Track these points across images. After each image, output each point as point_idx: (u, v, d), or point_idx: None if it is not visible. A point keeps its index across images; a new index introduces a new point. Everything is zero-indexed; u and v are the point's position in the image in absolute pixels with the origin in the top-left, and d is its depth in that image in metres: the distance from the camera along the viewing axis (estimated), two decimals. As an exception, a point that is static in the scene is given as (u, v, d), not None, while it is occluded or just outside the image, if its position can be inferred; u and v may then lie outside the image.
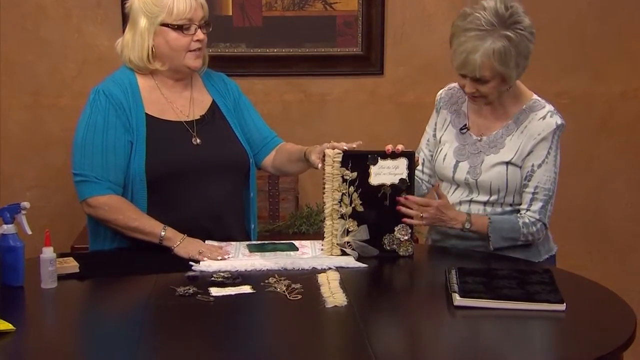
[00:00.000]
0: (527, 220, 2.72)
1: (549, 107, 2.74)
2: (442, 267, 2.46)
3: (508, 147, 2.73)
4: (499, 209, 2.77)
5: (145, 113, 2.75)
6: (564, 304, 2.21)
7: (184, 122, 2.79)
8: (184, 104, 2.83)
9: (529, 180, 2.72)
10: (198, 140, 2.78)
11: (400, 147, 2.64)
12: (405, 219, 2.65)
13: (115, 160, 2.69)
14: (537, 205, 2.72)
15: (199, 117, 2.83)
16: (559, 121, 2.72)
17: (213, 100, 2.89)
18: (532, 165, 2.71)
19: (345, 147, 2.61)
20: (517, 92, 2.77)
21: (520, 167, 2.72)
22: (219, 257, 2.56)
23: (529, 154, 2.71)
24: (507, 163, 2.73)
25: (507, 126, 2.76)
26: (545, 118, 2.71)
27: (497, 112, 2.78)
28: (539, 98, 2.77)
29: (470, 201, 2.78)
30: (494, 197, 2.75)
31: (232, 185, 2.84)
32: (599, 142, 4.18)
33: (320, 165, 2.62)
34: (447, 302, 2.25)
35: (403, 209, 2.64)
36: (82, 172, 2.69)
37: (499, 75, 2.63)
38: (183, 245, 2.62)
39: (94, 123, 2.70)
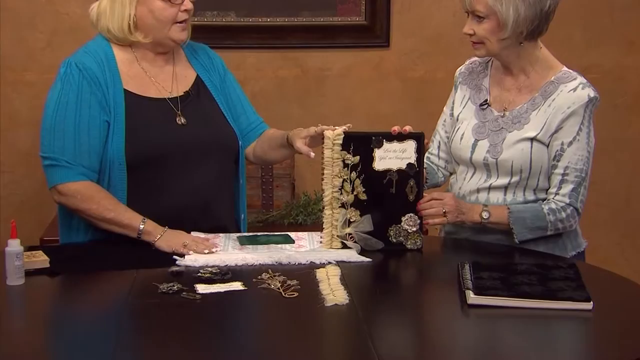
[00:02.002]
0: (553, 206, 2.72)
1: (580, 79, 2.75)
2: (455, 262, 2.47)
3: (533, 123, 2.74)
4: (520, 197, 2.77)
5: (124, 89, 2.75)
6: (591, 302, 2.21)
7: (167, 99, 2.80)
8: (165, 79, 2.83)
9: (558, 160, 2.73)
10: (183, 120, 2.78)
11: (407, 128, 2.65)
12: (428, 221, 2.68)
13: (89, 143, 2.69)
14: (567, 188, 2.72)
15: (182, 94, 2.83)
16: (592, 94, 2.72)
17: (197, 75, 2.89)
18: (562, 144, 2.72)
19: (337, 129, 2.60)
20: (544, 62, 2.78)
21: (548, 146, 2.73)
22: (206, 251, 2.57)
23: (557, 130, 2.72)
24: (532, 139, 2.73)
25: (532, 100, 2.76)
26: (576, 90, 2.72)
27: (522, 84, 2.79)
28: (570, 70, 2.78)
29: (489, 188, 2.79)
30: (515, 179, 2.75)
31: (220, 170, 2.85)
32: (632, 120, 4.19)
33: (309, 152, 2.63)
34: (459, 300, 2.26)
35: (426, 211, 2.66)
36: (52, 156, 2.69)
37: (493, 15, 2.65)
38: (165, 237, 2.62)
39: (66, 100, 2.70)
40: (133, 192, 2.72)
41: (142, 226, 2.64)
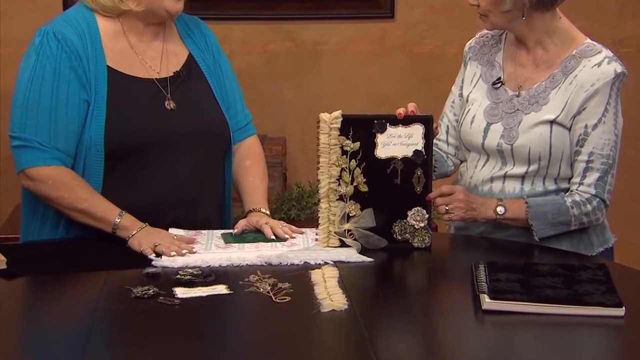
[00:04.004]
0: (577, 198, 2.72)
1: (606, 52, 2.75)
2: (468, 262, 2.47)
3: (553, 103, 2.74)
4: (539, 187, 2.77)
5: (107, 65, 2.74)
6: (623, 307, 2.22)
7: (155, 79, 2.79)
8: (154, 57, 2.82)
9: (581, 146, 2.73)
10: (172, 104, 2.78)
11: (411, 106, 2.65)
12: (445, 216, 2.70)
13: (66, 123, 2.69)
14: (592, 177, 2.73)
15: (172, 74, 2.83)
16: (619, 69, 2.72)
17: (190, 53, 2.89)
18: (586, 127, 2.72)
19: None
20: (564, 33, 2.78)
21: (569, 129, 2.73)
22: (173, 253, 2.55)
23: (580, 111, 2.72)
24: (552, 122, 2.74)
25: (552, 77, 2.76)
26: (600, 65, 2.72)
27: (539, 59, 2.79)
28: (594, 42, 2.78)
29: (505, 176, 2.79)
30: (533, 168, 2.76)
31: (210, 161, 2.85)
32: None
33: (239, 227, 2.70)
34: (473, 305, 2.27)
35: (438, 204, 2.68)
36: (23, 136, 2.68)
37: None
38: (139, 235, 2.62)
39: (41, 74, 2.69)
40: (110, 183, 2.72)
41: (117, 220, 2.64)
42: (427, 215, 2.67)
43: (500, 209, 2.72)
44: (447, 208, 2.69)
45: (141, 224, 2.65)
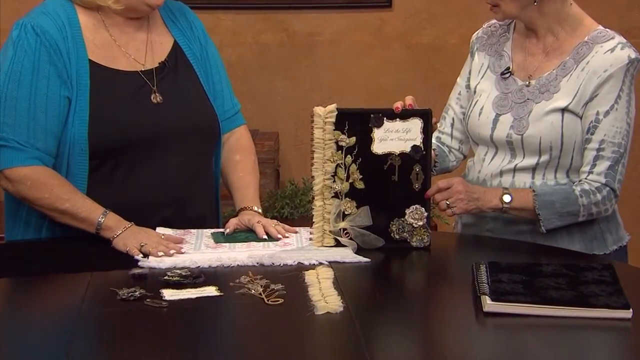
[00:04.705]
0: (586, 187, 2.73)
1: (619, 38, 2.76)
2: (468, 262, 2.47)
3: (564, 90, 2.75)
4: (551, 180, 2.78)
5: (89, 59, 2.74)
6: (630, 309, 2.22)
7: (140, 72, 2.79)
8: (138, 48, 2.82)
9: (592, 134, 2.74)
10: (159, 98, 2.78)
11: (409, 99, 2.65)
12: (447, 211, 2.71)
13: (46, 121, 2.69)
14: (602, 166, 2.73)
15: (158, 65, 2.83)
16: (633, 55, 2.73)
17: (175, 41, 2.89)
18: (597, 113, 2.73)
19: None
20: (575, 20, 2.79)
21: (581, 117, 2.74)
22: (160, 254, 2.55)
23: (592, 98, 2.73)
24: (563, 110, 2.74)
25: (563, 64, 2.77)
26: (614, 50, 2.73)
27: (550, 47, 2.80)
28: (607, 29, 2.79)
29: (515, 169, 2.80)
30: (544, 159, 2.76)
31: (200, 155, 2.86)
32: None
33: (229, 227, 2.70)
34: (474, 307, 2.27)
35: (438, 200, 2.69)
36: (1, 135, 2.68)
37: None
38: (124, 235, 2.62)
39: (19, 70, 2.69)
40: (95, 183, 2.73)
41: (101, 220, 2.64)
42: (425, 214, 2.67)
43: (506, 197, 2.72)
44: (447, 202, 2.70)
45: (126, 223, 2.65)
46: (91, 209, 2.67)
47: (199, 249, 2.62)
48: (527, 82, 2.80)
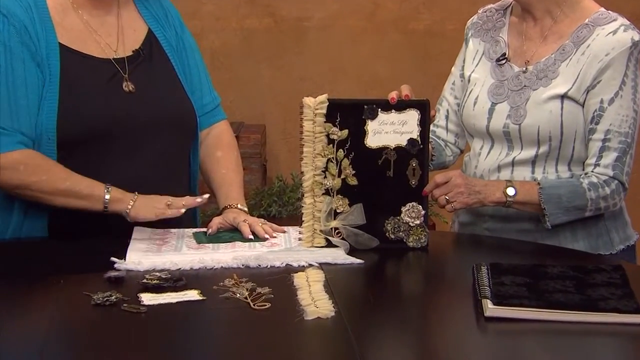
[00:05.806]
0: (594, 180, 2.74)
1: (622, 20, 2.78)
2: (469, 263, 2.48)
3: (563, 76, 2.76)
4: (551, 173, 2.79)
5: (59, 43, 2.74)
6: (641, 313, 2.23)
7: (113, 59, 2.79)
8: (110, 33, 2.83)
9: (597, 123, 2.74)
10: (131, 87, 2.79)
11: (405, 88, 2.65)
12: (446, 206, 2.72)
13: (27, 104, 2.69)
14: (609, 157, 2.74)
15: (131, 53, 2.83)
16: (637, 37, 2.74)
17: (149, 29, 2.89)
18: (601, 101, 2.74)
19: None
20: (575, 3, 2.81)
21: (583, 105, 2.75)
22: (183, 209, 2.63)
23: (594, 84, 2.74)
24: (562, 97, 2.75)
25: (562, 48, 2.78)
26: (616, 33, 2.74)
27: (548, 30, 2.81)
28: (609, 11, 2.80)
29: (513, 163, 2.81)
30: (543, 150, 2.77)
31: (175, 150, 2.87)
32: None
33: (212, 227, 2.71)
34: (475, 312, 2.27)
35: (437, 196, 2.70)
36: None
37: None
38: (137, 205, 2.65)
39: None
40: None
41: (107, 194, 2.65)
42: (423, 212, 2.68)
43: (510, 190, 2.72)
44: (447, 198, 2.70)
45: (131, 193, 2.67)
46: (92, 184, 2.69)
47: (179, 249, 2.62)
48: (524, 68, 2.81)
